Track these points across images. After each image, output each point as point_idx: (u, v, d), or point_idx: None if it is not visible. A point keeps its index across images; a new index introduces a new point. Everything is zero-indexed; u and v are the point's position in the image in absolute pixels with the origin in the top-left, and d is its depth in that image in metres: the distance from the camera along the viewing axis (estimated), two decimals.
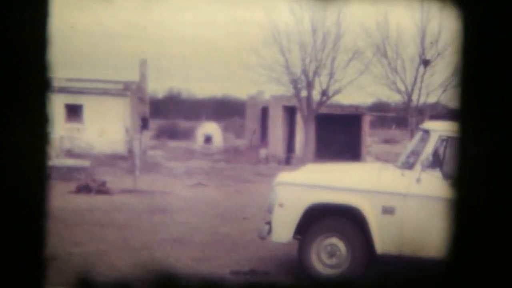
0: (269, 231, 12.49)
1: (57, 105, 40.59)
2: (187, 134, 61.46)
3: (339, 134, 48.28)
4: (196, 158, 45.44)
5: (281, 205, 12.15)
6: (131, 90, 44.72)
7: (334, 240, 11.81)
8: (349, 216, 11.72)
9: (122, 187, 25.36)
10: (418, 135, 13.09)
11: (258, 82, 57.01)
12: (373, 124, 54.36)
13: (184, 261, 13.39)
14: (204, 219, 18.89)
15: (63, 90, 41.29)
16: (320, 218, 11.98)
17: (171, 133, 66.52)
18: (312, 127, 42.98)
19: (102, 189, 23.92)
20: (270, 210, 12.69)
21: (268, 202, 13.05)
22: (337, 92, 43.48)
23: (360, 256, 11.75)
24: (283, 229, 12.10)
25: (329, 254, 11.84)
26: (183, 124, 71.59)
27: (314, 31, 42.45)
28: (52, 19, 2.44)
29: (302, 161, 37.34)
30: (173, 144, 56.19)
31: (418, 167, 11.72)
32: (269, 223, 12.60)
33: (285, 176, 12.78)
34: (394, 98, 47.90)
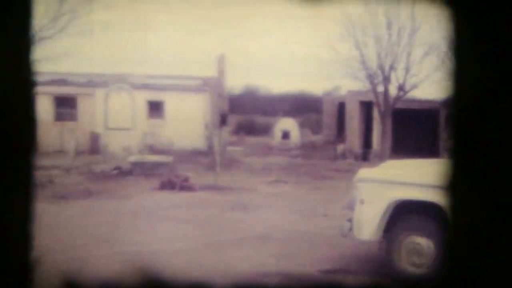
0: (351, 229, 12.48)
1: (139, 102, 41.15)
2: (265, 130, 61.63)
3: (416, 129, 47.96)
4: (274, 154, 45.58)
5: (362, 202, 12.12)
6: (210, 86, 45.07)
7: (418, 239, 11.67)
8: (432, 213, 11.49)
9: (203, 183, 25.60)
10: None
11: (334, 77, 56.87)
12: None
13: (265, 258, 13.52)
14: (284, 216, 19.03)
15: (145, 87, 41.84)
16: (403, 216, 11.87)
17: (249, 129, 66.74)
18: (389, 122, 42.74)
19: (185, 185, 24.14)
20: (350, 207, 12.70)
21: (347, 199, 13.08)
22: (414, 86, 43.12)
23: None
24: (365, 226, 12.06)
25: (413, 253, 11.71)
26: (260, 120, 71.75)
27: (389, 24, 42.15)
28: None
29: (379, 157, 37.26)
30: (251, 140, 56.41)
31: None
32: (350, 220, 12.57)
33: (366, 172, 12.71)
34: None
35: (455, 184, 2.61)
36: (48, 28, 33.85)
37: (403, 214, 11.87)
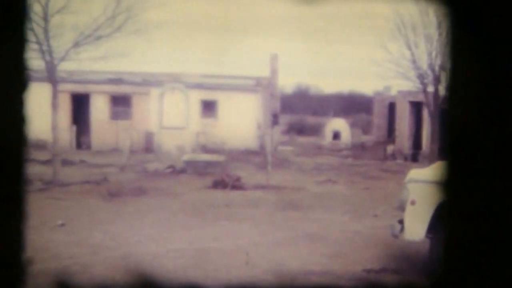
0: (402, 230, 12.44)
1: (193, 101, 41.34)
2: (315, 130, 61.50)
3: None
4: (325, 154, 45.51)
5: (413, 202, 12.07)
6: (262, 86, 45.10)
7: None
8: None
9: (255, 183, 25.64)
10: None
11: (385, 77, 56.59)
12: None
13: (316, 258, 13.52)
14: (335, 216, 19.00)
15: (199, 86, 42.01)
16: None
17: (300, 129, 66.67)
18: (438, 123, 42.39)
19: (237, 185, 24.22)
20: (401, 208, 12.66)
21: (398, 199, 13.03)
22: None
23: None
24: (415, 227, 12.02)
25: None
26: (311, 120, 71.63)
27: (439, 23, 41.78)
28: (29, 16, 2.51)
29: (429, 158, 36.96)
30: (301, 139, 56.36)
31: None
32: (401, 221, 12.53)
33: (417, 173, 12.66)
34: None
35: (453, 183, 2.58)
36: (105, 27, 34.15)
37: None
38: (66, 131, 36.54)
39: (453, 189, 2.51)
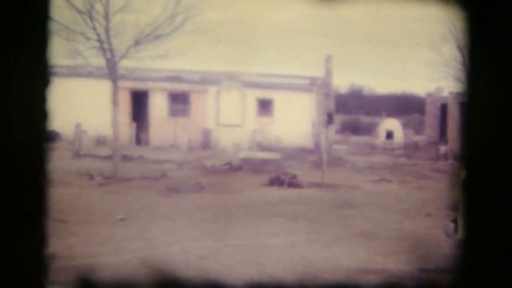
0: (455, 229, 12.33)
1: (249, 100, 41.37)
2: (368, 129, 61.21)
3: None
4: (378, 153, 45.23)
5: None
6: (317, 86, 44.99)
7: None
8: None
9: (310, 180, 25.54)
10: None
11: (437, 78, 56.11)
12: None
13: (371, 256, 13.44)
14: (389, 214, 18.87)
15: (255, 85, 42.03)
16: None
17: (354, 128, 66.38)
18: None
19: (293, 182, 24.17)
20: (453, 207, 12.54)
21: (451, 199, 12.90)
22: None
23: None
24: None
25: None
26: (364, 119, 71.30)
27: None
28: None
29: None
30: (355, 138, 56.17)
31: None
32: (454, 221, 12.42)
33: None
34: None
35: (470, 186, 2.53)
36: (164, 26, 34.35)
37: None
38: (126, 128, 36.82)
39: (471, 191, 2.47)
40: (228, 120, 40.66)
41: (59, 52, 33.16)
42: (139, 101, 41.00)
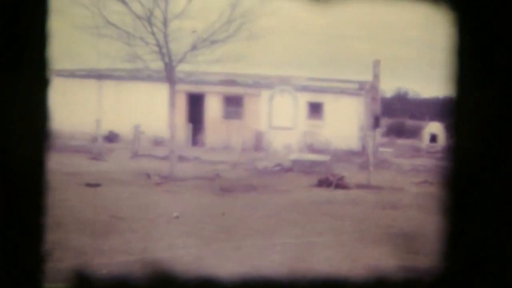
0: None
1: (300, 103, 41.45)
2: (413, 133, 60.82)
3: None
4: (422, 156, 44.97)
5: None
6: (365, 90, 44.91)
7: None
8: None
9: (357, 182, 25.55)
10: None
11: None
12: None
13: (414, 255, 13.47)
14: (432, 216, 18.82)
15: (306, 89, 42.08)
16: None
17: (399, 131, 66.01)
18: None
19: (340, 183, 24.21)
20: None
21: None
22: None
23: None
24: None
25: None
26: (409, 122, 70.86)
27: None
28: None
29: None
30: (400, 141, 55.87)
31: None
32: None
33: None
34: None
35: (456, 185, 2.59)
36: (220, 31, 34.61)
37: None
38: (182, 129, 37.14)
39: (458, 188, 2.54)
40: (280, 123, 40.76)
41: (120, 56, 33.62)
42: (195, 103, 41.30)
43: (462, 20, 2.63)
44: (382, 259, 12.96)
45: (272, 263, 12.13)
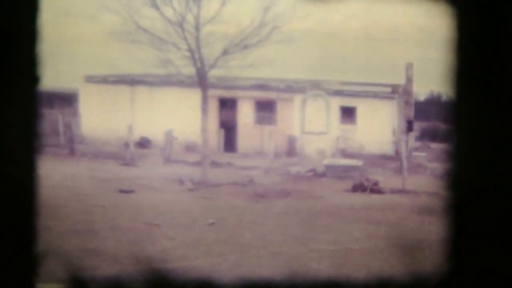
0: None
1: (333, 107, 41.32)
2: (447, 136, 60.45)
3: None
4: None
5: None
6: (398, 93, 44.67)
7: None
8: None
9: (392, 187, 25.40)
10: None
11: None
12: None
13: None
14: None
15: (339, 93, 41.93)
16: None
17: (432, 135, 65.62)
18: None
19: (375, 188, 24.08)
20: None
21: None
22: None
23: None
24: None
25: None
26: (442, 126, 70.43)
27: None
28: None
29: None
30: (434, 145, 55.52)
31: None
32: None
33: None
34: None
35: (459, 183, 2.53)
36: (252, 36, 34.59)
37: None
38: (214, 134, 37.17)
39: (461, 191, 2.47)
40: (313, 128, 40.64)
41: (152, 62, 33.74)
42: (227, 109, 41.33)
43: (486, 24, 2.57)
44: (419, 265, 12.85)
45: (309, 270, 12.06)
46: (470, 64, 2.52)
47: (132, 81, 41.17)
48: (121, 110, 40.73)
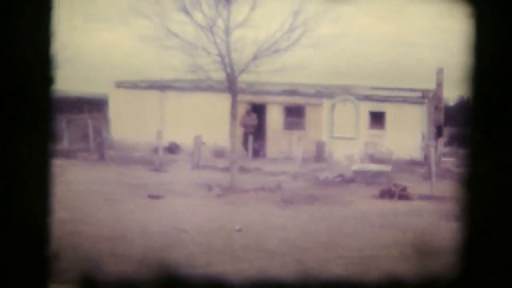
0: None
1: (362, 112, 41.23)
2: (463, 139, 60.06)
3: None
4: None
5: None
6: (428, 98, 44.48)
7: None
8: None
9: (420, 193, 25.33)
10: None
11: None
12: None
13: None
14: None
15: (368, 98, 41.83)
16: None
17: (461, 141, 65.28)
18: None
19: (403, 194, 24.01)
20: None
21: None
22: None
23: None
24: None
25: None
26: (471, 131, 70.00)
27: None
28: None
29: None
30: (463, 151, 55.31)
31: None
32: None
33: None
34: None
35: (473, 183, 2.58)
36: (282, 40, 34.63)
37: None
38: (243, 140, 37.24)
39: (474, 191, 2.52)
40: (342, 133, 40.57)
41: (182, 67, 33.92)
42: (256, 114, 41.39)
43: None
44: (446, 272, 12.83)
45: (334, 276, 12.09)
46: (489, 67, 2.60)
47: (161, 86, 41.38)
48: (150, 115, 40.95)
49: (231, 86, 34.67)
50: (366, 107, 41.45)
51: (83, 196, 20.79)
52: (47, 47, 2.60)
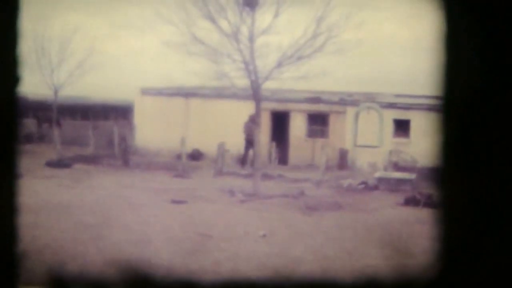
0: None
1: (386, 120, 41.05)
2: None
3: None
4: None
5: None
6: None
7: None
8: None
9: None
10: None
11: None
12: None
13: None
14: None
15: (392, 106, 41.62)
16: None
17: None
18: None
19: (428, 202, 23.82)
20: None
21: None
22: None
23: None
24: None
25: None
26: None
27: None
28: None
29: None
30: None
31: None
32: None
33: None
34: None
35: (448, 181, 2.48)
36: (306, 47, 34.56)
37: None
38: (266, 147, 37.20)
39: (450, 187, 2.41)
40: (366, 141, 40.43)
41: (207, 74, 33.91)
42: (279, 121, 41.36)
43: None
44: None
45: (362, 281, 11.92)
46: (460, 60, 2.52)
47: (186, 93, 41.45)
48: (175, 122, 41.02)
49: (255, 93, 34.62)
50: (390, 115, 41.27)
51: (108, 201, 20.80)
52: (13, 48, 2.53)
